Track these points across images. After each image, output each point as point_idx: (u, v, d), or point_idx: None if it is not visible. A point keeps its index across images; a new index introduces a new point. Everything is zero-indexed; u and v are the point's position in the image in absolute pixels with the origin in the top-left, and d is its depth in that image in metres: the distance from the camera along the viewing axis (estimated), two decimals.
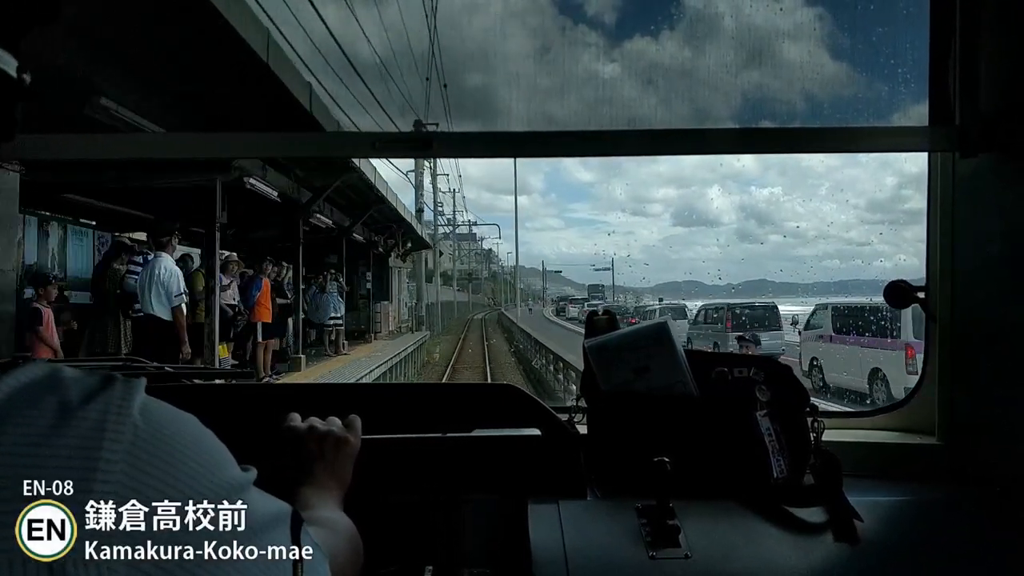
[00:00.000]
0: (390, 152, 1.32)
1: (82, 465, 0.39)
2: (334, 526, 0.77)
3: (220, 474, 0.45)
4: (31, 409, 0.40)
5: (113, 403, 0.42)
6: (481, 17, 16.40)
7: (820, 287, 29.29)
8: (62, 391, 0.42)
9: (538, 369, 20.44)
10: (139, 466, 0.41)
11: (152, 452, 0.42)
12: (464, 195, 60.50)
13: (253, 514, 0.46)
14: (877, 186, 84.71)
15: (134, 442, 0.41)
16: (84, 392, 0.42)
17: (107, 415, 0.41)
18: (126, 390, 0.43)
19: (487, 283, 78.81)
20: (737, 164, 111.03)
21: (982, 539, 1.14)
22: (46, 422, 0.40)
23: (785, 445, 1.20)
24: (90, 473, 0.39)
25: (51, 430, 0.39)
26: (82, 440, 0.40)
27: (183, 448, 0.44)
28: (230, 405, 1.27)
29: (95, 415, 0.41)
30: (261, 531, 0.46)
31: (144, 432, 0.42)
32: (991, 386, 1.29)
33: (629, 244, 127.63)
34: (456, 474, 1.15)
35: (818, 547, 1.09)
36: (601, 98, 2.56)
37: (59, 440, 0.39)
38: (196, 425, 0.47)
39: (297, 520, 0.50)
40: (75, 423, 0.40)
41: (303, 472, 0.89)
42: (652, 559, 1.03)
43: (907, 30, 1.48)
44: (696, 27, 3.06)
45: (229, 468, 0.47)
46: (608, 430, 1.29)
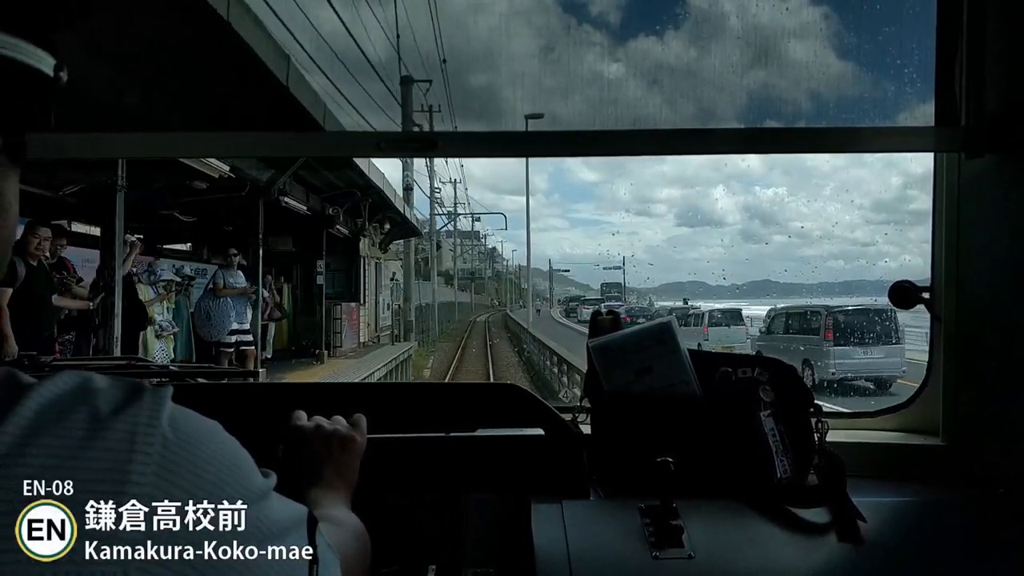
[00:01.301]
0: (395, 152, 1.32)
1: (113, 478, 0.40)
2: (343, 525, 0.78)
3: (245, 483, 0.46)
4: (63, 421, 0.41)
5: (143, 415, 0.43)
6: (486, 16, 16.26)
7: (825, 288, 29.06)
8: (92, 402, 0.42)
9: (556, 390, 14.39)
10: (168, 478, 0.41)
11: (181, 464, 0.42)
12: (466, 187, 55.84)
13: (274, 519, 0.47)
14: (882, 186, 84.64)
15: (163, 454, 0.42)
16: (114, 403, 0.43)
17: (136, 427, 0.42)
18: (154, 401, 0.44)
19: (491, 283, 77.67)
20: (742, 164, 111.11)
21: (986, 540, 1.14)
22: (77, 435, 0.40)
23: (789, 445, 1.20)
24: (121, 487, 0.40)
25: (82, 443, 0.40)
26: (113, 454, 0.40)
27: (210, 458, 0.45)
28: (235, 405, 1.27)
29: (125, 426, 0.42)
30: (281, 534, 0.47)
31: (173, 444, 0.43)
32: (996, 387, 1.29)
33: (633, 244, 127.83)
34: (459, 473, 1.15)
35: (822, 548, 1.09)
36: (606, 98, 2.55)
37: (89, 453, 0.40)
38: (221, 433, 0.48)
39: (313, 522, 0.51)
40: (105, 436, 0.41)
41: (311, 473, 0.90)
42: (655, 559, 1.03)
43: (913, 30, 1.47)
44: (702, 27, 3.04)
45: (253, 476, 0.48)
46: (611, 430, 1.29)
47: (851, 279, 36.13)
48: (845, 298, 16.59)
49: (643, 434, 1.25)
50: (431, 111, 20.42)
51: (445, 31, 12.18)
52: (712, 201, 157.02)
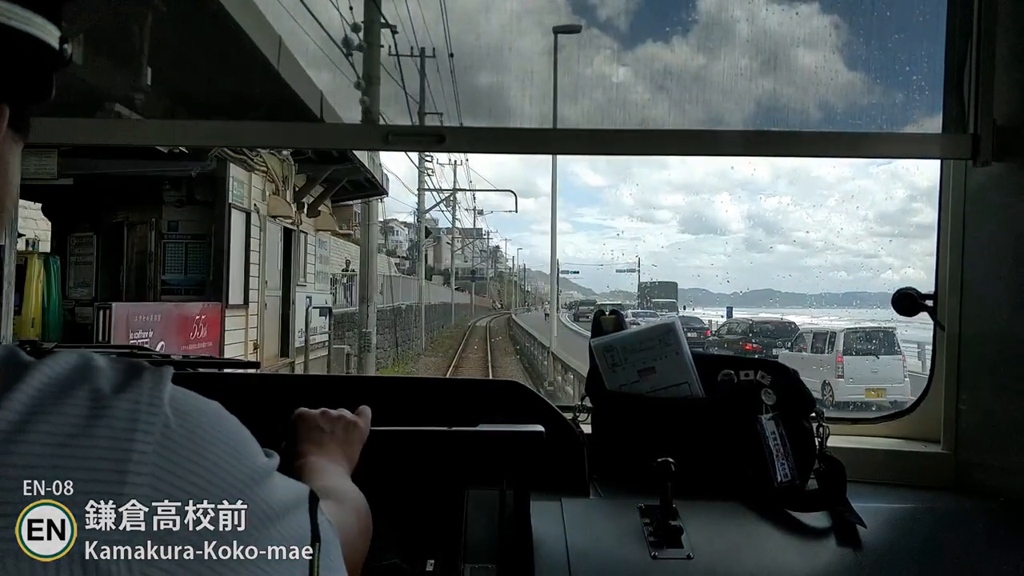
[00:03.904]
0: (403, 145, 1.32)
1: (116, 457, 0.40)
2: (344, 500, 0.78)
3: (247, 463, 0.46)
4: (65, 399, 0.41)
5: (144, 394, 0.43)
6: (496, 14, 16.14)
7: (828, 298, 28.76)
8: (94, 381, 0.42)
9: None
10: (169, 457, 0.41)
11: (182, 443, 0.42)
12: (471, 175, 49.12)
13: (276, 498, 0.47)
14: (887, 198, 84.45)
15: (165, 433, 0.42)
16: (116, 383, 0.43)
17: (139, 406, 0.42)
18: (155, 380, 0.44)
19: (492, 283, 76.43)
20: (748, 172, 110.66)
21: (985, 549, 1.14)
22: (80, 413, 0.40)
23: (790, 449, 1.20)
24: (124, 465, 0.40)
25: (85, 420, 0.40)
26: (115, 432, 0.40)
27: (213, 438, 0.45)
28: (233, 396, 1.27)
29: (127, 405, 0.42)
30: (283, 514, 0.47)
31: (174, 423, 0.43)
32: (998, 395, 1.28)
33: (637, 249, 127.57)
34: (459, 469, 1.15)
35: (821, 552, 1.09)
36: (614, 99, 2.56)
37: (92, 431, 0.40)
38: (223, 412, 0.48)
39: (314, 501, 0.51)
40: (108, 414, 0.41)
41: (314, 443, 0.91)
42: (654, 559, 1.03)
43: (922, 38, 1.47)
44: (711, 32, 3.02)
45: (255, 455, 0.48)
46: (612, 429, 1.30)
47: (853, 290, 35.80)
48: (846, 309, 16.12)
49: (644, 434, 1.25)
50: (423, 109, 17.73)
51: (453, 29, 11.99)
52: (716, 209, 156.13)
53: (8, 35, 0.45)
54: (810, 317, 21.93)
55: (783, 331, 15.17)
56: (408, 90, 13.08)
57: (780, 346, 14.12)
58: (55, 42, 0.48)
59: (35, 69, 0.49)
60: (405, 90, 12.50)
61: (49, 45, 0.48)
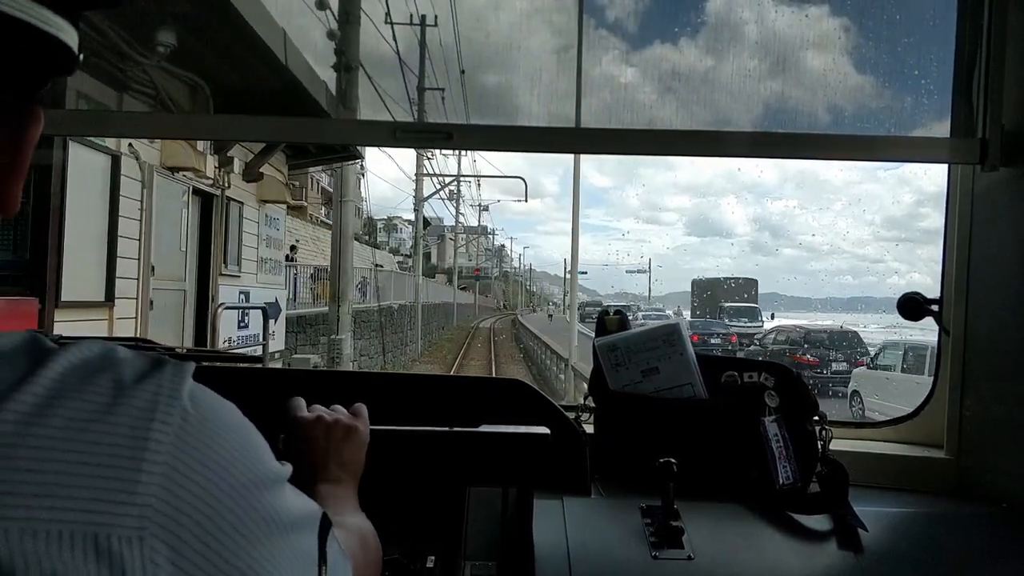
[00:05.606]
0: (411, 142, 1.32)
1: (133, 444, 0.40)
2: (352, 531, 0.76)
3: (259, 465, 0.46)
4: (88, 385, 0.41)
5: (164, 385, 0.43)
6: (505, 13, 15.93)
7: (833, 303, 28.43)
8: (116, 370, 0.43)
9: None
10: (185, 449, 0.42)
11: (198, 436, 0.43)
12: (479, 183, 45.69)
13: (285, 508, 0.47)
14: (894, 202, 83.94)
15: (182, 425, 0.42)
16: (138, 373, 0.43)
17: (159, 396, 0.42)
18: (176, 373, 0.45)
19: (497, 283, 75.70)
20: (756, 174, 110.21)
21: (988, 554, 1.14)
22: (102, 400, 0.41)
23: (792, 452, 1.20)
24: (140, 452, 0.40)
25: (105, 407, 0.40)
26: (133, 420, 0.41)
27: (227, 435, 0.45)
28: (235, 388, 1.27)
29: (147, 395, 0.42)
30: (291, 528, 0.47)
31: (192, 416, 0.43)
32: (1002, 401, 1.28)
33: (642, 251, 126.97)
34: (464, 469, 1.15)
35: (822, 555, 1.09)
36: (622, 99, 2.53)
37: (111, 418, 0.40)
38: (239, 414, 0.48)
39: (326, 524, 0.51)
40: (128, 403, 0.41)
41: (315, 468, 0.89)
42: (655, 559, 1.03)
43: (932, 42, 1.47)
44: (720, 32, 3.00)
45: (269, 460, 0.48)
46: (615, 429, 1.30)
47: (859, 295, 35.46)
48: (851, 314, 15.38)
49: (647, 434, 1.25)
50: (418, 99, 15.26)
51: (463, 25, 11.95)
52: (722, 211, 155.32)
53: (42, 39, 0.45)
54: (865, 324, 17.71)
55: (843, 340, 12.92)
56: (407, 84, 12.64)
57: (842, 360, 11.92)
58: (74, 46, 0.48)
59: (57, 72, 0.49)
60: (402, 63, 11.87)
61: (68, 48, 0.48)
